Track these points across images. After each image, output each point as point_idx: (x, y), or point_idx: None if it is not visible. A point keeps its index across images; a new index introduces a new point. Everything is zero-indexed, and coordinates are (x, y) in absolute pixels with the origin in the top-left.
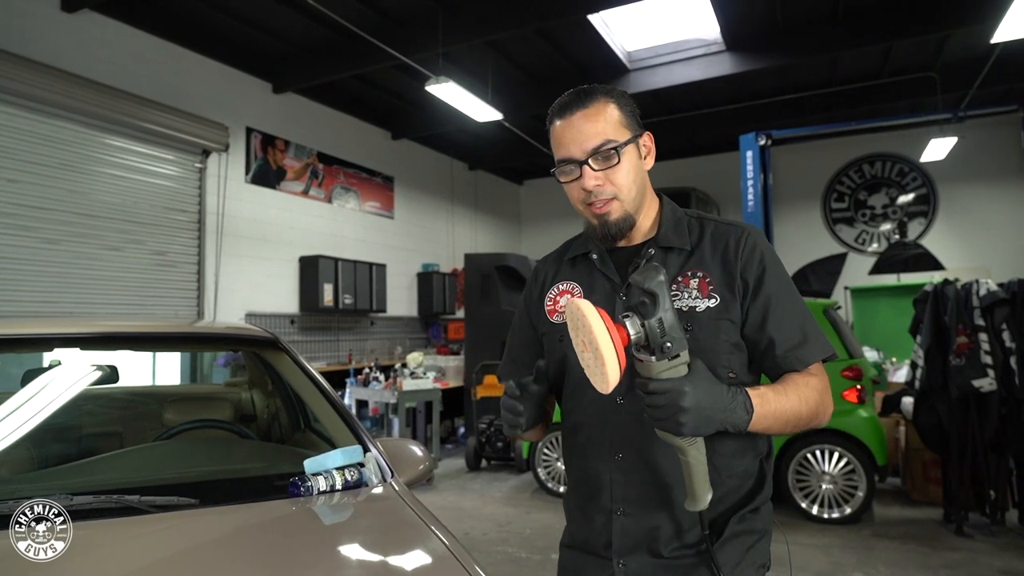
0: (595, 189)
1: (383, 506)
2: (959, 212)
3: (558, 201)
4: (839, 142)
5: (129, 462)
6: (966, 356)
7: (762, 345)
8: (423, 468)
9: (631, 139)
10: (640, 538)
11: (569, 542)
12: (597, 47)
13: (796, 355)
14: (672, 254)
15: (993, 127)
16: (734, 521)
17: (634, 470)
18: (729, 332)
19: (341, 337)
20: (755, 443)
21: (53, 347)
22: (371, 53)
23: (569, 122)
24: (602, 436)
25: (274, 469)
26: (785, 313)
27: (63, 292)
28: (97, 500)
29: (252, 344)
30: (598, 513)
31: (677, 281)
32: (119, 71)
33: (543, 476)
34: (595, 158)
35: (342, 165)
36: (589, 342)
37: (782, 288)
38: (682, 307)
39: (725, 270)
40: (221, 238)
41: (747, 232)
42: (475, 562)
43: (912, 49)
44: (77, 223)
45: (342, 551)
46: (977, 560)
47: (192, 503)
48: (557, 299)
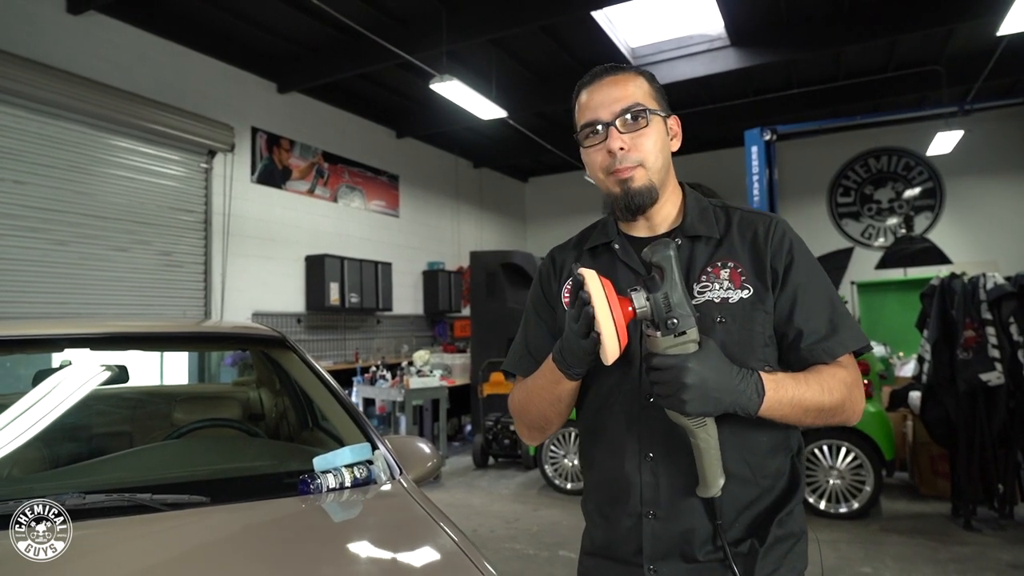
0: (620, 153)
1: (392, 503)
2: (966, 206)
3: (564, 198)
4: (844, 136)
5: (140, 461)
6: (973, 350)
7: (790, 336)
8: (431, 465)
9: (659, 112)
10: (673, 542)
11: (591, 549)
12: (601, 43)
13: (823, 347)
14: (700, 243)
15: (999, 120)
16: (775, 526)
17: (665, 471)
18: (764, 324)
19: (347, 336)
20: (788, 440)
21: (63, 348)
22: (375, 52)
23: (598, 87)
24: (630, 437)
25: (284, 467)
26: (813, 303)
27: (71, 293)
28: (109, 499)
29: (260, 343)
30: (625, 517)
31: (707, 272)
32: (124, 72)
33: (550, 473)
34: (623, 120)
35: (347, 164)
36: (598, 318)
37: (811, 277)
38: (714, 298)
39: (755, 259)
40: (227, 238)
41: (775, 220)
42: (485, 558)
43: (917, 43)
44: (84, 224)
45: (353, 548)
46: (986, 554)
47: (203, 501)
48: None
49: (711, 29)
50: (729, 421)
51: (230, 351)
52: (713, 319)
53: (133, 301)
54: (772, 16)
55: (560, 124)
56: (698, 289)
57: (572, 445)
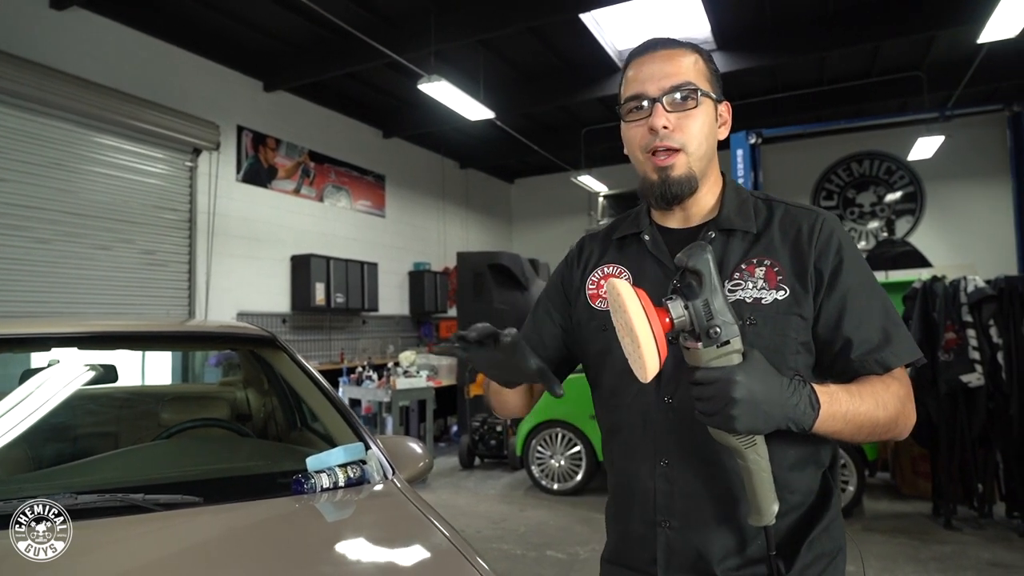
0: (663, 132)
1: (387, 503)
2: (945, 210)
3: (548, 200)
4: (828, 140)
5: (130, 461)
6: (954, 352)
7: (837, 346)
8: (423, 465)
9: (712, 95)
10: (688, 555)
11: (609, 556)
12: (588, 45)
13: (876, 358)
14: (735, 238)
15: (979, 126)
16: (805, 548)
17: (681, 479)
18: (799, 329)
19: (333, 336)
20: (818, 454)
21: (51, 347)
22: (363, 51)
23: (649, 59)
24: (645, 439)
25: (276, 467)
26: (864, 310)
27: (53, 292)
28: (102, 499)
29: (250, 343)
30: (639, 524)
31: (740, 269)
32: (109, 69)
33: (537, 474)
34: (670, 98)
35: (333, 164)
36: (625, 325)
37: (862, 281)
38: (745, 298)
39: (796, 259)
40: (212, 237)
41: (822, 217)
42: (481, 558)
43: (900, 49)
44: (67, 222)
45: (350, 548)
46: (966, 553)
47: (196, 501)
48: (601, 283)
49: (698, 32)
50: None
51: (217, 351)
52: (743, 320)
53: (116, 300)
54: (758, 20)
55: (547, 125)
56: (729, 287)
57: (559, 446)
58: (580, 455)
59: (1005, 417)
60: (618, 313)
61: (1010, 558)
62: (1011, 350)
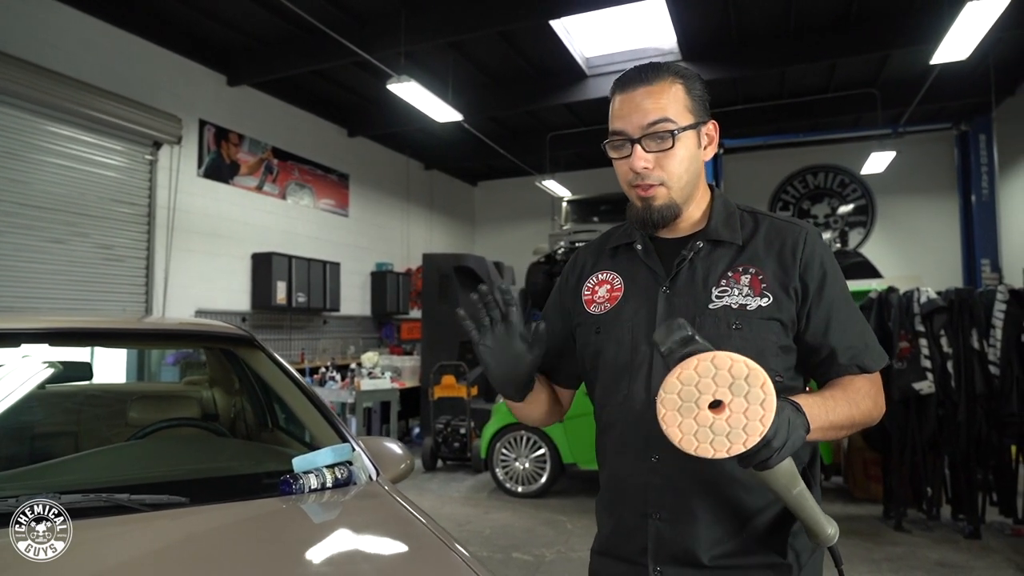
0: (643, 172)
1: (376, 504)
2: (895, 223)
3: (512, 203)
4: (785, 153)
5: (108, 461)
6: (907, 360)
7: (823, 353)
8: (404, 467)
9: (692, 125)
10: (679, 546)
11: (599, 548)
12: (558, 52)
13: (859, 363)
14: (721, 248)
15: (928, 143)
16: (790, 539)
17: (672, 473)
18: (779, 334)
19: (293, 336)
20: (799, 454)
21: (20, 343)
22: (331, 48)
23: (630, 96)
24: (637, 436)
25: (261, 467)
26: (846, 320)
27: (4, 286)
28: (86, 499)
29: (228, 341)
30: (631, 516)
31: (727, 276)
32: (67, 57)
33: (501, 476)
34: (649, 138)
35: (297, 161)
36: (744, 408)
37: (842, 294)
38: (731, 304)
39: (781, 269)
40: (172, 233)
41: (806, 232)
42: (479, 560)
43: (856, 66)
44: (19, 214)
45: (344, 548)
46: (915, 553)
47: (183, 502)
48: (596, 288)
49: (664, 43)
50: None
51: (177, 350)
52: (729, 325)
53: (70, 295)
54: (723, 34)
55: (513, 129)
56: (716, 293)
57: (524, 448)
58: (544, 458)
59: (953, 424)
60: (733, 387)
61: (957, 558)
62: (960, 359)
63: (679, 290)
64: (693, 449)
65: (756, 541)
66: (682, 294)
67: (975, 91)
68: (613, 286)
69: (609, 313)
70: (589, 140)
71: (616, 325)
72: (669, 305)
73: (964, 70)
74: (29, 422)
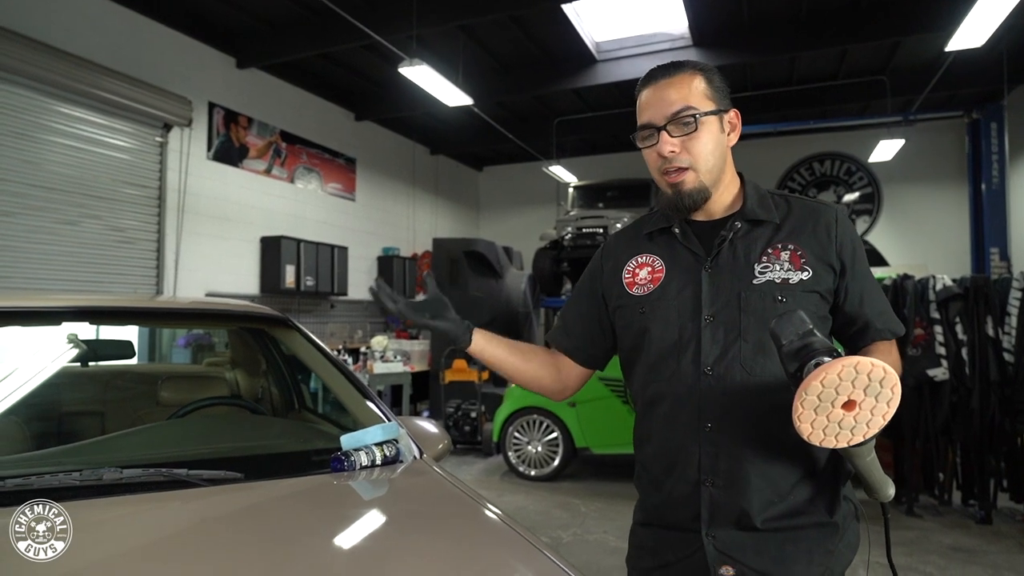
0: (670, 155)
1: (426, 480)
2: (901, 211)
3: (518, 188)
4: (792, 140)
5: (155, 438)
6: (922, 347)
7: (860, 323)
8: (443, 446)
9: (713, 111)
10: (731, 511)
11: (644, 519)
12: (568, 36)
13: (891, 328)
14: (759, 227)
15: (938, 131)
16: (843, 500)
17: (725, 441)
18: (819, 305)
19: (301, 319)
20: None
21: (62, 321)
22: (341, 31)
23: (654, 89)
24: (689, 408)
25: (309, 445)
26: (875, 292)
27: (16, 267)
28: (147, 473)
29: (265, 322)
30: (683, 484)
31: (767, 253)
32: (78, 37)
33: (513, 459)
34: (674, 124)
35: (305, 145)
36: (872, 406)
37: (868, 269)
38: (775, 279)
39: (818, 246)
40: (182, 215)
41: (839, 211)
42: (531, 531)
43: (866, 53)
44: (31, 195)
45: (399, 522)
46: (928, 538)
47: (238, 477)
48: (636, 271)
49: (675, 29)
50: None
51: (192, 332)
52: (775, 298)
53: (82, 277)
54: (735, 19)
55: (520, 114)
56: (759, 269)
57: (536, 432)
58: (557, 441)
59: (967, 410)
60: (866, 390)
61: (969, 543)
62: (974, 347)
63: (721, 268)
64: (819, 441)
65: (805, 502)
66: (725, 272)
67: (987, 79)
68: (654, 268)
69: (654, 293)
70: (597, 126)
71: (662, 304)
72: (714, 283)
73: (976, 57)
74: (60, 400)
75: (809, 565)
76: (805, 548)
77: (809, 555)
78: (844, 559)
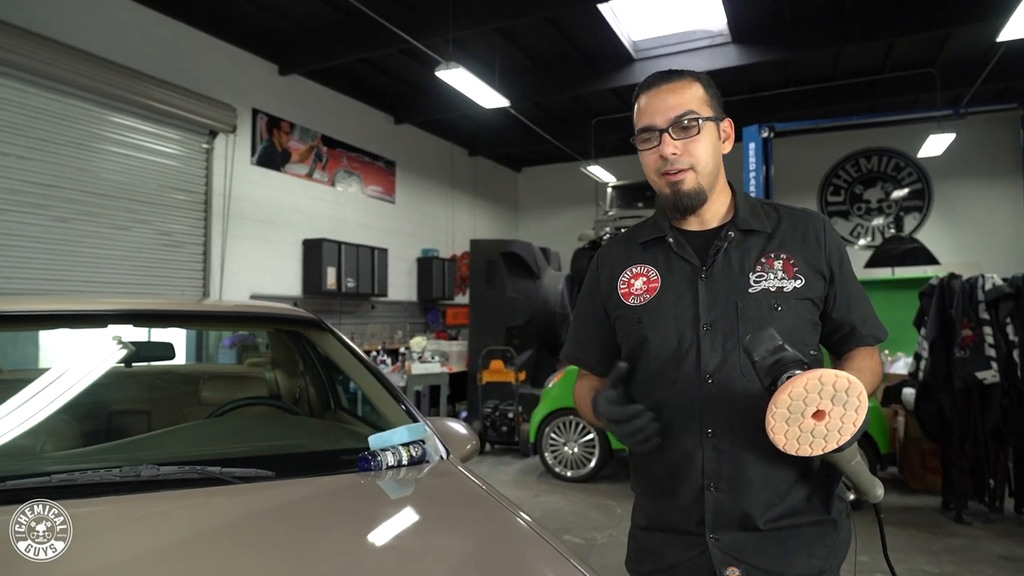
0: (672, 157)
1: (450, 480)
2: (953, 208)
3: (555, 189)
4: (836, 136)
5: (193, 436)
6: (970, 349)
7: (846, 328)
8: (470, 447)
9: (712, 118)
10: (734, 512)
11: (646, 523)
12: (604, 36)
13: (874, 334)
14: (752, 237)
15: (990, 124)
16: (836, 498)
17: (727, 447)
18: (811, 312)
19: (343, 320)
20: None
21: (107, 323)
22: (379, 36)
23: (655, 94)
24: (690, 415)
25: (339, 444)
26: (861, 297)
27: (73, 270)
28: (182, 471)
29: (299, 324)
30: (687, 490)
31: (761, 262)
32: (128, 49)
33: (550, 460)
34: (675, 127)
35: (345, 149)
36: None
37: (853, 274)
38: (770, 287)
39: (809, 254)
40: (227, 219)
41: (823, 220)
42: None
43: (914, 45)
44: (85, 201)
45: (423, 521)
46: (977, 546)
47: (269, 475)
48: (631, 282)
49: (713, 25)
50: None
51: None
52: (771, 306)
53: (133, 280)
54: (774, 14)
55: (558, 115)
56: (754, 278)
57: (573, 433)
58: (593, 443)
59: (1019, 414)
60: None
61: (1021, 552)
62: None
63: (717, 277)
64: (794, 451)
65: (803, 500)
66: (721, 281)
67: None
68: (649, 278)
69: (650, 303)
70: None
71: (659, 314)
72: (710, 292)
73: None
74: (107, 399)
75: (810, 559)
76: (805, 543)
77: (809, 549)
78: (840, 553)
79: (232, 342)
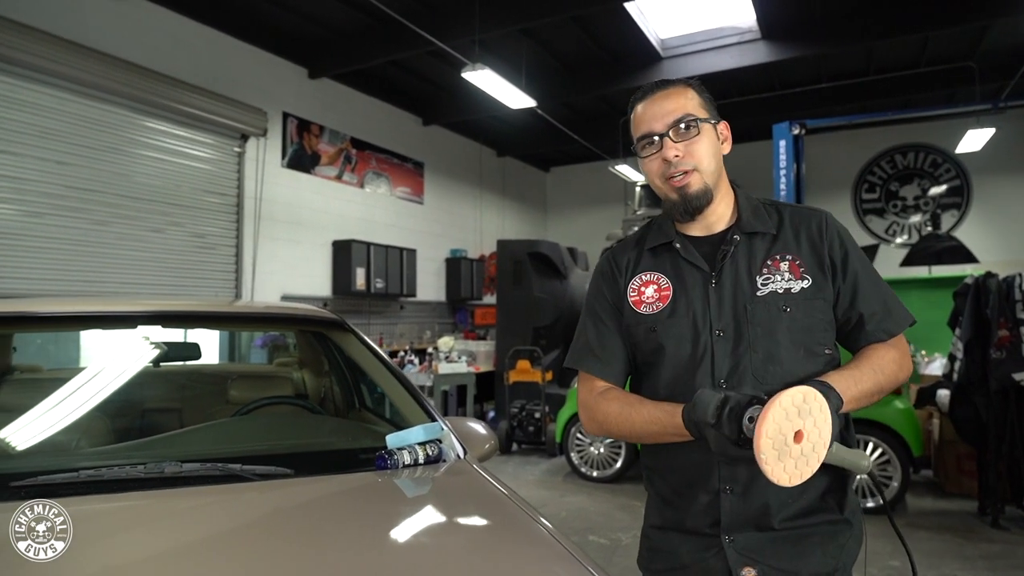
0: (675, 159)
1: (466, 479)
2: (993, 205)
3: (584, 189)
4: (871, 132)
5: (218, 434)
6: (1007, 349)
7: (853, 322)
8: (489, 447)
9: (709, 120)
10: (750, 514)
11: (661, 523)
12: (631, 34)
13: (883, 328)
14: (757, 239)
15: None
16: (851, 496)
17: None
18: (824, 311)
19: (372, 321)
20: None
21: (138, 324)
22: (406, 39)
23: (651, 101)
24: None
25: (357, 443)
26: (869, 288)
27: (110, 272)
28: (204, 468)
29: (322, 325)
30: (703, 494)
31: (767, 265)
32: (161, 55)
33: (576, 460)
34: (675, 130)
35: (374, 150)
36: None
37: (863, 264)
38: (777, 289)
39: (813, 252)
40: (258, 221)
41: (825, 215)
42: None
43: (951, 39)
44: (122, 205)
45: (437, 520)
46: (1015, 552)
47: (288, 473)
48: (642, 290)
49: (742, 22)
50: None
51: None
52: (780, 308)
53: (167, 281)
54: (805, 10)
55: (585, 114)
56: (761, 281)
57: None
58: (619, 443)
59: None
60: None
61: None
62: None
63: (725, 282)
64: (800, 478)
65: (817, 499)
66: (728, 285)
67: None
68: (660, 286)
69: (663, 312)
70: None
71: (673, 323)
72: (720, 297)
73: None
74: (140, 398)
75: (824, 557)
76: (819, 542)
77: (823, 548)
78: (853, 552)
79: (263, 342)
